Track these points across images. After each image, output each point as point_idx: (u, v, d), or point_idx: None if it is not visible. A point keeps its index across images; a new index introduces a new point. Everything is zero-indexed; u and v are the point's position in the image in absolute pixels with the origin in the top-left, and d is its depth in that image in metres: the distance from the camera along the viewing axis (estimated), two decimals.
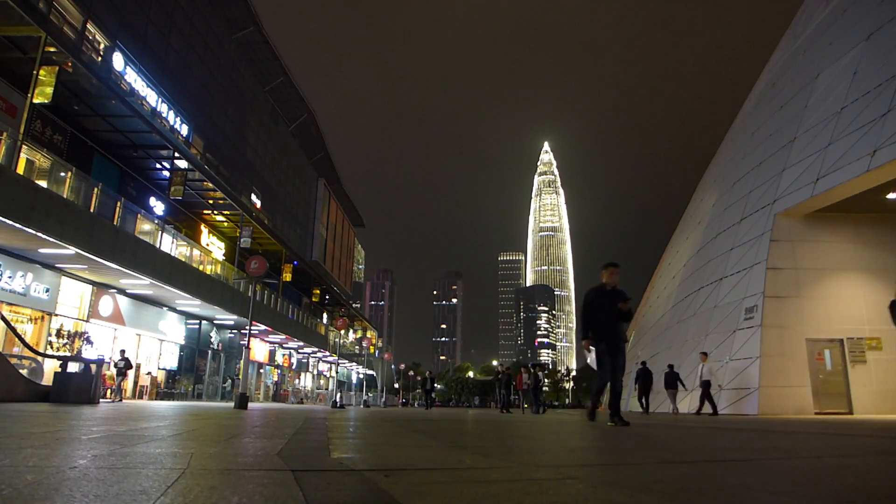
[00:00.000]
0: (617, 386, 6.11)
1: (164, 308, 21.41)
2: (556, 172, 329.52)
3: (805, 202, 12.40)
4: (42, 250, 13.65)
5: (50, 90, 13.74)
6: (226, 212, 26.32)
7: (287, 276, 31.17)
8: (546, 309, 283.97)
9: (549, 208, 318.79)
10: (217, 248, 27.63)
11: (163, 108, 24.09)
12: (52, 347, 15.35)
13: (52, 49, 14.04)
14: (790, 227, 13.29)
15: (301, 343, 33.28)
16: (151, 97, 23.13)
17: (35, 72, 13.56)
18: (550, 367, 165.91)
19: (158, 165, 21.60)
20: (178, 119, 25.49)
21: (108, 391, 15.50)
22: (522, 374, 18.59)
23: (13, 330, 11.39)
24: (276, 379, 33.87)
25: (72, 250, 13.36)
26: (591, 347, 6.15)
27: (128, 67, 21.38)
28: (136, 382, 19.90)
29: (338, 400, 20.16)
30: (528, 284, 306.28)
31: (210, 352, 25.87)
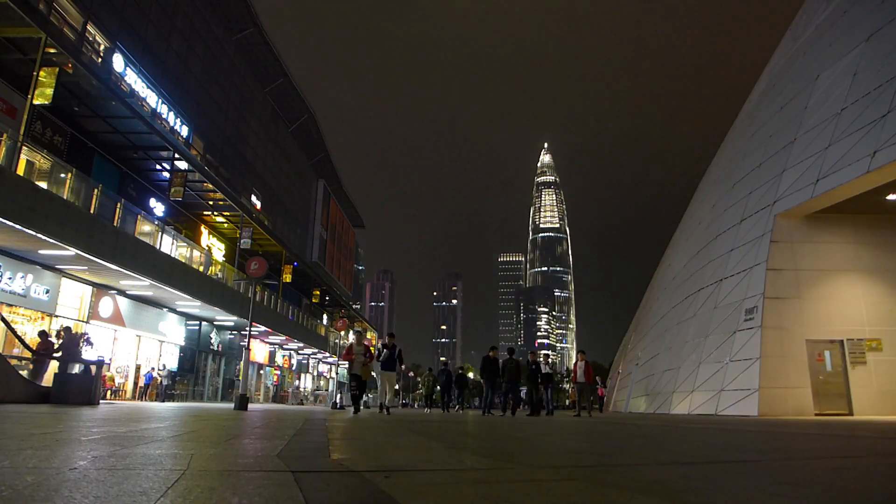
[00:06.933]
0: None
1: (164, 309, 21.40)
2: (556, 173, 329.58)
3: (805, 203, 12.39)
4: (42, 251, 13.63)
5: (50, 91, 13.71)
6: (226, 213, 26.30)
7: (287, 277, 31.14)
8: (546, 310, 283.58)
9: (549, 209, 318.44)
10: (217, 249, 27.62)
11: (163, 109, 24.09)
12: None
13: (52, 50, 14.00)
14: (790, 229, 13.28)
15: (301, 344, 33.27)
16: (151, 98, 23.12)
17: (35, 73, 13.53)
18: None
19: (158, 166, 21.58)
20: (178, 120, 25.49)
21: (109, 392, 15.47)
22: (579, 361, 14.02)
23: (13, 331, 11.35)
24: (275, 380, 33.85)
25: (72, 251, 13.34)
26: None
27: (128, 69, 21.38)
28: (136, 384, 19.90)
29: (338, 401, 20.10)
30: (528, 285, 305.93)
31: (210, 353, 25.86)
